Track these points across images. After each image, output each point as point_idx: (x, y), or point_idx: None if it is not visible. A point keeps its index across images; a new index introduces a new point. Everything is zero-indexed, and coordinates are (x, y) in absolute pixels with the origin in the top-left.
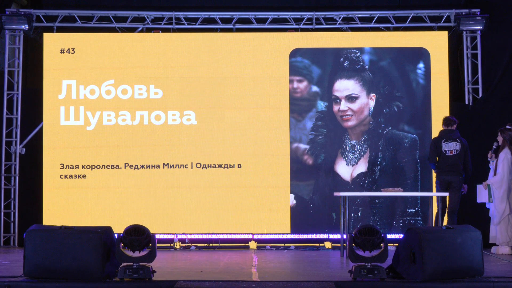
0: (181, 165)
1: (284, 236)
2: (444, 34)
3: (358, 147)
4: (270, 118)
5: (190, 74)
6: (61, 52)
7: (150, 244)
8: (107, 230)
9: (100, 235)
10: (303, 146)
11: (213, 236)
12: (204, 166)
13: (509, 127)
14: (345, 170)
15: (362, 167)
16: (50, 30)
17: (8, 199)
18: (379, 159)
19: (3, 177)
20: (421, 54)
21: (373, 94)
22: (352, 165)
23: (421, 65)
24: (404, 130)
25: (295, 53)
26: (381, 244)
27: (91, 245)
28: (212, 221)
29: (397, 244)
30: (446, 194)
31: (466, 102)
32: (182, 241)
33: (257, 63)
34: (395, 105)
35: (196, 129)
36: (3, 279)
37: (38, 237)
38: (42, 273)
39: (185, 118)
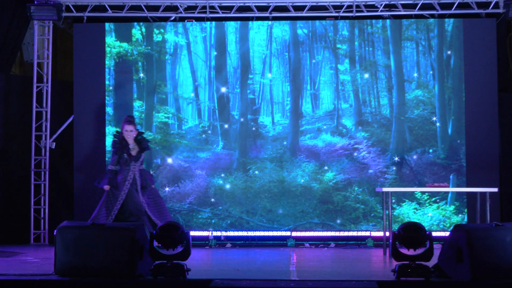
0: None
1: (324, 233)
2: (492, 22)
3: None
4: None
5: None
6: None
7: (184, 242)
8: (140, 226)
9: (132, 232)
10: None
11: (250, 233)
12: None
13: None
14: None
15: None
16: (80, 20)
17: (38, 195)
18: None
19: (33, 172)
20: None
21: None
22: None
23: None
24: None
25: None
26: (426, 242)
27: (123, 243)
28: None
29: (443, 242)
30: (495, 189)
31: None
32: (217, 238)
33: None
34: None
35: None
36: (34, 277)
37: (69, 234)
38: (73, 271)
39: None
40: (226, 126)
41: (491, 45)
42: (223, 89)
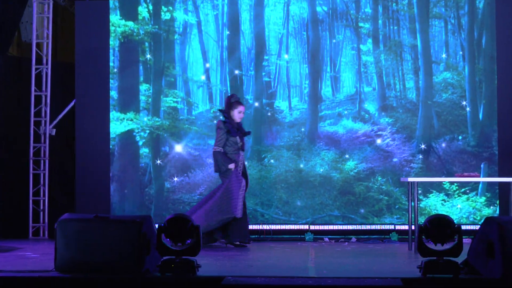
0: None
1: (344, 227)
2: None
3: None
4: None
5: None
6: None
7: (194, 236)
8: (146, 219)
9: (139, 225)
10: None
11: (265, 227)
12: None
13: None
14: None
15: None
16: None
17: (37, 185)
18: None
19: (31, 161)
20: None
21: None
22: None
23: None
24: None
25: None
26: (455, 236)
27: (128, 237)
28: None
29: (473, 236)
30: None
31: None
32: None
33: None
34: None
35: None
36: (33, 273)
37: (70, 227)
38: (75, 267)
39: None
40: None
41: None
42: (236, 72)
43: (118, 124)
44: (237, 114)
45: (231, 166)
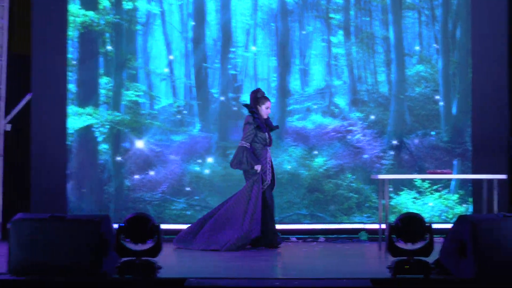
0: None
1: (312, 226)
2: None
3: None
4: None
5: None
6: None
7: (155, 236)
8: (105, 219)
9: (97, 225)
10: None
11: None
12: None
13: None
14: None
15: None
16: None
17: None
18: None
19: None
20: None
21: None
22: None
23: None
24: None
25: None
26: (426, 236)
27: (86, 237)
28: None
29: (445, 235)
30: (504, 176)
31: None
32: None
33: None
34: None
35: None
36: None
37: (24, 227)
38: (29, 269)
39: None
40: (204, 105)
41: (502, 14)
42: (202, 64)
43: (77, 119)
44: (265, 110)
45: (257, 167)
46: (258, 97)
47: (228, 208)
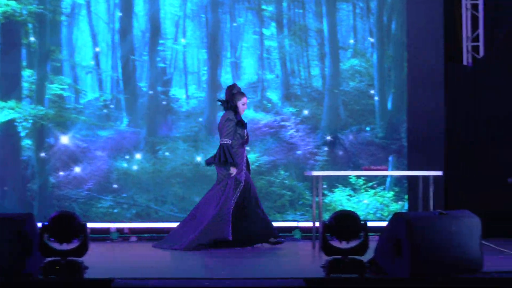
0: None
1: None
2: None
3: None
4: None
5: None
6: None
7: (81, 235)
8: (28, 217)
9: (19, 224)
10: None
11: (159, 225)
12: None
13: None
14: None
15: None
16: None
17: None
18: None
19: None
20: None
21: None
22: None
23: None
24: None
25: None
26: (361, 234)
27: (7, 236)
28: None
29: (380, 233)
30: (440, 173)
31: (464, 63)
32: (120, 231)
33: None
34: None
35: None
36: None
37: None
38: None
39: None
40: (132, 99)
41: (438, 8)
42: (129, 56)
43: None
44: (241, 106)
45: (233, 170)
46: (234, 92)
47: (198, 207)
